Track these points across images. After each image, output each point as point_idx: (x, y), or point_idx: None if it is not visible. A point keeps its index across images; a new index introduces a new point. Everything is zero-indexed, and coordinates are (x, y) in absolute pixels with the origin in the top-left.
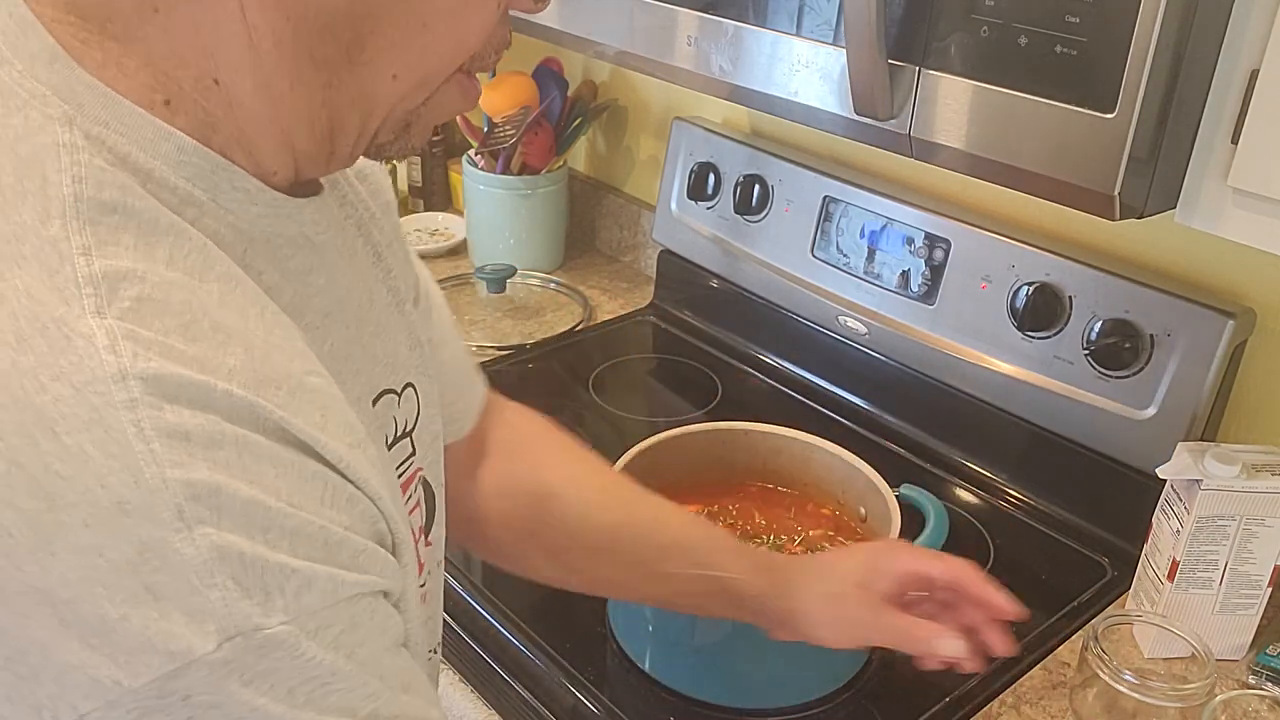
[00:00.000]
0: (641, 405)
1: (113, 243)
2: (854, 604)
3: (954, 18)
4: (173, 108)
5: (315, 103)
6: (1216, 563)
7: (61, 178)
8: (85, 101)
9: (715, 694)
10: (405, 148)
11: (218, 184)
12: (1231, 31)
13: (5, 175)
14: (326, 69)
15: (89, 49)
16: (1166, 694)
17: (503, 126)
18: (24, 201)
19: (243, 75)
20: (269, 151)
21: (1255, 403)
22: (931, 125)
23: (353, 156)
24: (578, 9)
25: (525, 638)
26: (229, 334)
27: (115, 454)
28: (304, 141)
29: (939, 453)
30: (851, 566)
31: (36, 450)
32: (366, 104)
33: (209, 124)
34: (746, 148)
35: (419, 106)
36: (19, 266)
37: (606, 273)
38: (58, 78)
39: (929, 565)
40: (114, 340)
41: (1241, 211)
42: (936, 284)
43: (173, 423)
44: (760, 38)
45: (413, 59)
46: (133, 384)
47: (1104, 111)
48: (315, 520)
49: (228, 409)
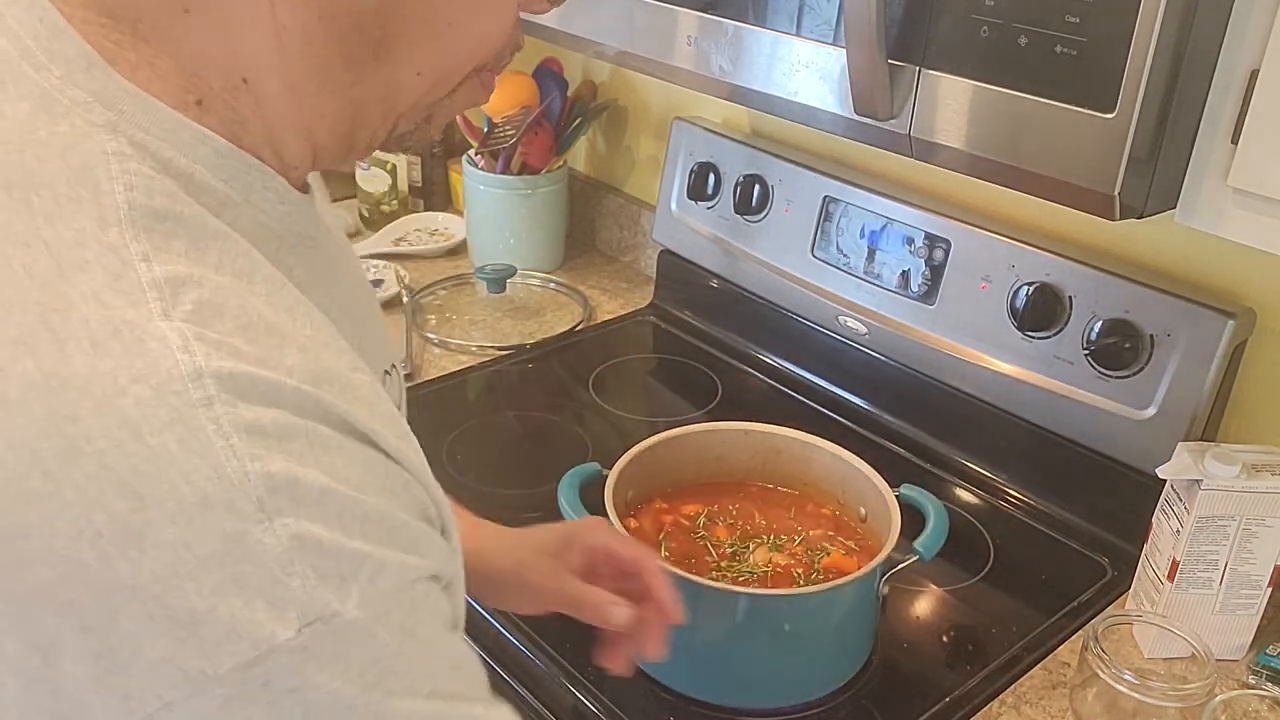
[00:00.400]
0: (641, 405)
1: (166, 249)
2: (542, 574)
3: (954, 18)
4: (204, 108)
5: (341, 100)
6: (1216, 563)
7: (114, 185)
8: (126, 108)
9: (715, 694)
10: (424, 139)
11: (251, 184)
12: (1231, 31)
13: (59, 183)
14: (355, 67)
15: (122, 50)
16: (1166, 694)
17: (503, 126)
18: (79, 208)
19: (271, 74)
20: (292, 149)
21: (1255, 403)
22: (931, 125)
23: (371, 149)
24: (578, 9)
25: (525, 638)
26: (282, 335)
27: (197, 451)
28: (326, 137)
29: (939, 453)
30: (545, 539)
31: (123, 452)
32: (390, 100)
33: (238, 123)
34: (746, 148)
35: (441, 100)
36: (83, 272)
37: (606, 273)
38: (97, 84)
39: (619, 545)
40: (186, 341)
41: (1241, 211)
42: (936, 284)
43: (248, 418)
44: (760, 38)
45: (436, 57)
46: (208, 382)
47: (1104, 111)
48: (381, 506)
49: (296, 403)
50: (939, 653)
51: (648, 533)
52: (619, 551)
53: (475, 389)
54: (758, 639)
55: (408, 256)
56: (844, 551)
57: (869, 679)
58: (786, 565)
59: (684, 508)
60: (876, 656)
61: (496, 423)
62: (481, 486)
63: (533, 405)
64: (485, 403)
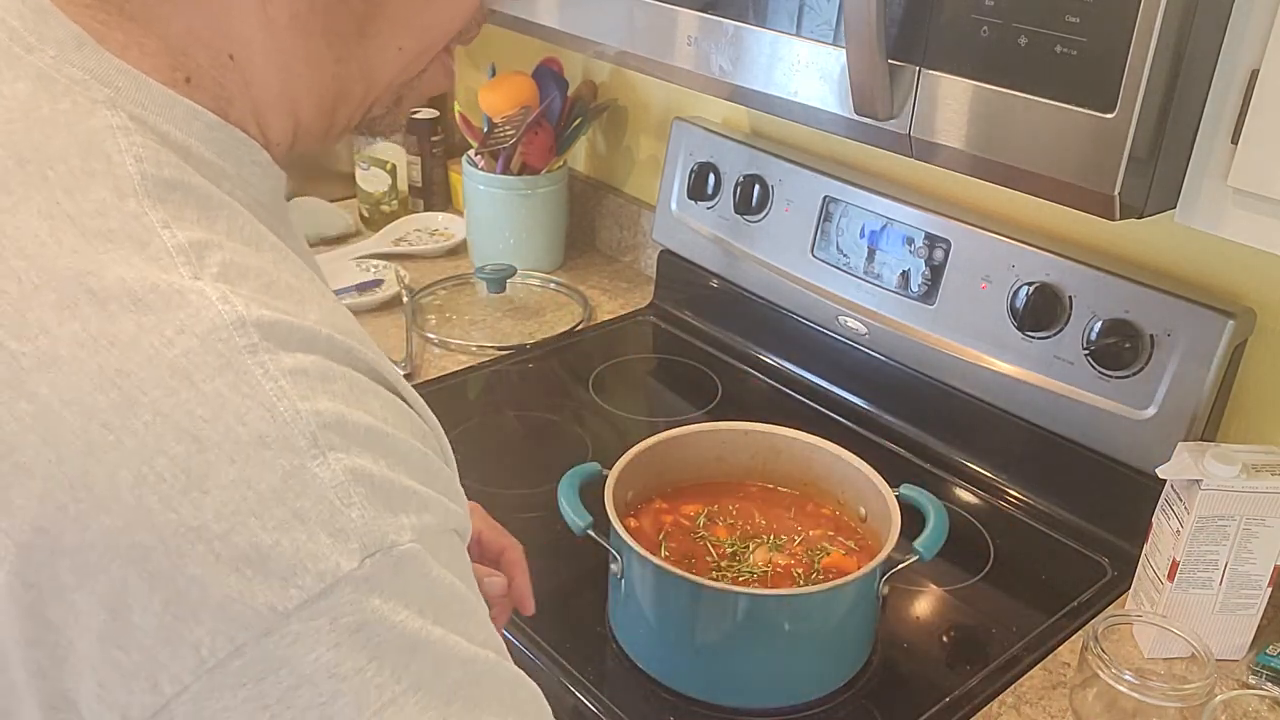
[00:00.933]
0: (641, 405)
1: (181, 217)
2: None
3: (954, 18)
4: (193, 84)
5: (326, 76)
6: (1216, 563)
7: (124, 158)
8: (121, 84)
9: (715, 694)
10: (394, 122)
11: (240, 158)
12: (1231, 31)
13: (72, 157)
14: (339, 43)
15: (110, 30)
16: (1166, 694)
17: (503, 126)
18: (95, 180)
19: (256, 51)
20: (276, 126)
21: (1255, 403)
22: (931, 125)
23: (348, 129)
24: (578, 9)
25: (525, 638)
26: (301, 294)
27: (248, 394)
28: (308, 114)
29: (939, 453)
30: None
31: (177, 399)
32: (371, 77)
33: (225, 100)
34: (746, 148)
35: (411, 80)
36: (110, 241)
37: (606, 273)
38: (90, 62)
39: (488, 533)
40: (223, 294)
41: (1241, 211)
42: (936, 284)
43: (290, 363)
44: (760, 38)
45: (417, 31)
46: (250, 330)
47: (1104, 111)
48: (418, 448)
49: (329, 350)
50: (939, 653)
51: (648, 533)
52: (487, 539)
53: (475, 389)
54: (758, 639)
55: (408, 256)
56: (844, 551)
57: (869, 679)
58: (786, 565)
59: (684, 508)
60: (876, 656)
61: (496, 423)
62: (481, 486)
63: (533, 405)
64: (485, 403)
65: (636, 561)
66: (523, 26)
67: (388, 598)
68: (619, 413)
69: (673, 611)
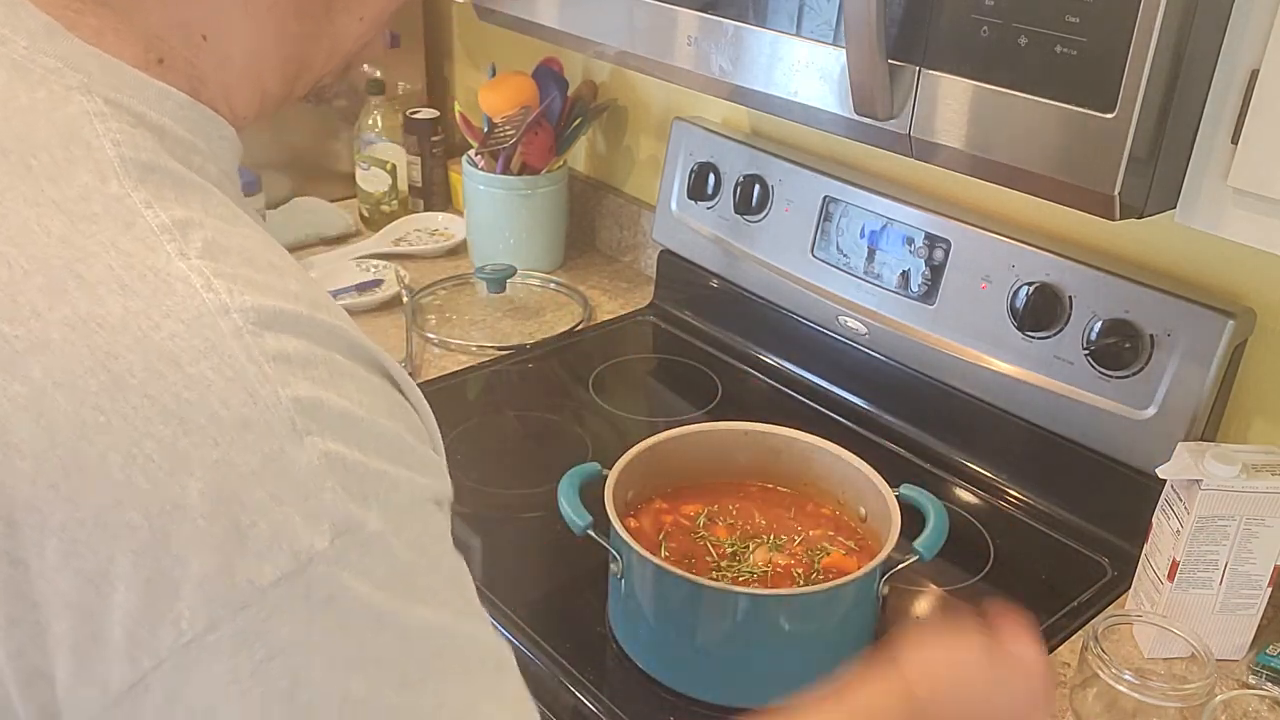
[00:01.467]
0: (641, 405)
1: (161, 197)
2: None
3: (954, 18)
4: (165, 66)
5: (293, 48)
6: (1216, 563)
7: (102, 142)
8: (92, 70)
9: (715, 694)
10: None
11: (210, 134)
12: (1231, 31)
13: (53, 146)
14: (308, 19)
15: (83, 17)
16: (1166, 694)
17: (503, 126)
18: (77, 166)
19: (229, 29)
20: (243, 99)
21: (1255, 403)
22: (931, 125)
23: (303, 94)
24: (578, 9)
25: (525, 638)
26: (279, 268)
27: (232, 378)
28: (275, 86)
29: (939, 453)
30: None
31: (164, 382)
32: (332, 47)
33: (198, 78)
34: (746, 148)
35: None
36: (95, 224)
37: (606, 273)
38: (61, 49)
39: None
40: (207, 280)
41: (1241, 211)
42: (936, 284)
43: (274, 347)
44: (760, 38)
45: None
46: (235, 315)
47: (1104, 111)
48: (391, 428)
49: (311, 331)
50: None
51: (648, 533)
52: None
53: (475, 389)
54: (758, 639)
55: (408, 256)
56: (844, 551)
57: None
58: (786, 565)
59: (684, 508)
60: None
61: (496, 423)
62: (482, 486)
63: (533, 405)
64: (485, 403)
65: (636, 561)
66: (523, 26)
67: (357, 574)
68: (619, 413)
69: (673, 611)
